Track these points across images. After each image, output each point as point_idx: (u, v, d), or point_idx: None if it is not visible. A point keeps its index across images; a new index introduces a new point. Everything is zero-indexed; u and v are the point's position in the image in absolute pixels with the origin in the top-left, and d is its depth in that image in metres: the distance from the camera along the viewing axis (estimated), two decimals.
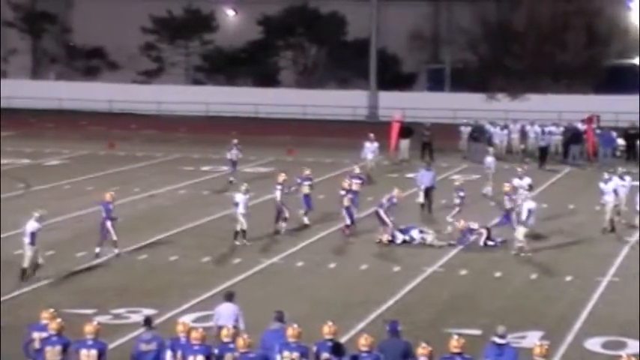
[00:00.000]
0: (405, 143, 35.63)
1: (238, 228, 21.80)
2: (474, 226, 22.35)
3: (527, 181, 23.83)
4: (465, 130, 37.12)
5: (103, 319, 16.19)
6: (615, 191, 23.36)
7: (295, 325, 12.39)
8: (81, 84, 56.62)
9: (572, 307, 17.77)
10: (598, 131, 36.01)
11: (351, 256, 21.50)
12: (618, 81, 51.59)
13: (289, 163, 35.18)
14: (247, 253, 21.42)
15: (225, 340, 12.21)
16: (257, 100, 52.01)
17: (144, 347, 12.45)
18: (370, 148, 32.13)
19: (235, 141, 30.51)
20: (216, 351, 12.16)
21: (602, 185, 23.42)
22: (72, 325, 13.21)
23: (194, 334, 12.20)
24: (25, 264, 18.64)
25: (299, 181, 24.03)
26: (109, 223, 20.52)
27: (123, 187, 29.51)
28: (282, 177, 23.61)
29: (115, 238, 20.54)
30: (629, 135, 36.28)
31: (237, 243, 21.69)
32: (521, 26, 53.60)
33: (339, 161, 34.68)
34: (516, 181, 23.55)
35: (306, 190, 23.89)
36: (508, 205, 22.64)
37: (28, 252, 18.63)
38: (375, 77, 51.87)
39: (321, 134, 42.57)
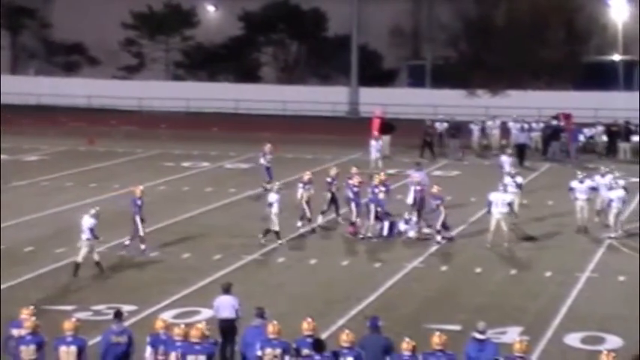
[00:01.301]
0: (386, 139, 35.65)
1: (273, 228, 21.52)
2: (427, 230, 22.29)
3: (519, 180, 23.74)
4: (441, 127, 37.13)
5: (83, 315, 16.14)
6: (594, 189, 23.33)
7: (275, 322, 12.38)
8: (60, 79, 56.26)
9: (552, 302, 17.87)
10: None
11: (331, 252, 21.51)
12: (597, 77, 51.87)
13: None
14: (228, 249, 21.39)
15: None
16: (238, 96, 51.90)
17: (114, 339, 12.50)
18: (376, 146, 31.55)
19: (268, 146, 28.13)
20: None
21: (574, 184, 23.31)
22: (51, 322, 13.15)
23: (176, 330, 12.17)
24: (79, 259, 18.76)
25: (300, 185, 23.19)
26: (138, 219, 20.43)
27: (103, 184, 29.39)
28: (307, 176, 23.17)
29: (141, 233, 20.52)
30: (611, 132, 36.44)
31: (262, 241, 21.58)
32: (502, 22, 53.80)
33: (319, 157, 34.67)
34: (507, 179, 23.46)
35: (307, 194, 22.90)
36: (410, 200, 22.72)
37: (83, 248, 18.79)
38: (356, 73, 51.88)
39: (301, 130, 42.56)
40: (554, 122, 36.57)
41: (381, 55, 58.18)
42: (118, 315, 12.93)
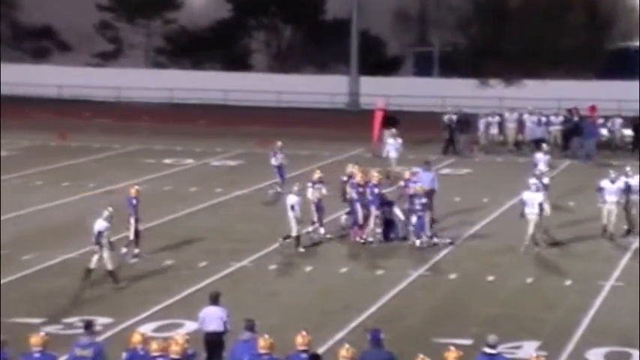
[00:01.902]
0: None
1: (294, 233, 21.55)
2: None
3: (545, 180, 23.55)
4: (448, 119, 37.18)
5: (53, 329, 16.11)
6: (623, 190, 23.13)
7: (267, 336, 12.38)
8: (28, 67, 56.26)
9: (572, 314, 17.88)
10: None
11: (328, 258, 21.52)
12: (622, 65, 51.96)
13: (260, 156, 35.18)
14: (215, 255, 21.39)
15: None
16: (226, 86, 51.91)
17: (78, 352, 12.54)
18: (394, 145, 30.76)
19: (279, 144, 28.11)
20: None
21: (605, 184, 23.16)
22: (17, 336, 13.13)
23: (153, 345, 12.16)
24: (92, 265, 18.82)
25: (309, 185, 23.05)
26: (132, 220, 20.55)
27: (76, 182, 29.37)
28: (316, 174, 23.09)
29: (131, 237, 20.61)
30: (637, 126, 36.47)
31: (301, 249, 21.58)
32: (517, 5, 53.90)
33: (316, 153, 34.69)
34: (533, 180, 23.33)
35: (317, 195, 22.68)
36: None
37: (96, 254, 18.86)
38: (356, 61, 51.90)
39: (296, 124, 42.58)
40: (569, 117, 36.54)
41: (384, 41, 58.31)
42: (88, 326, 12.98)
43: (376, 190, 22.52)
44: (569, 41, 52.39)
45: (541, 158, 27.75)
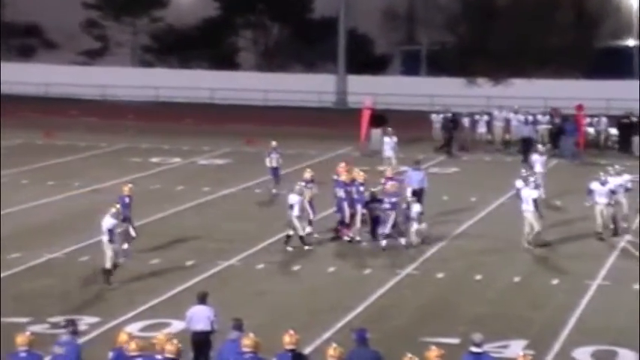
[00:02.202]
0: (376, 133, 35.72)
1: (293, 232, 21.56)
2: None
3: (608, 186, 23.33)
4: (437, 119, 37.27)
5: (39, 328, 16.08)
6: (613, 192, 23.13)
7: (251, 334, 12.39)
8: (14, 65, 56.02)
9: (559, 313, 17.93)
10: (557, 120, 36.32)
11: (316, 257, 21.53)
12: (610, 65, 52.14)
13: (248, 155, 35.18)
14: (202, 254, 21.38)
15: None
16: (213, 84, 51.89)
17: (57, 350, 12.66)
18: (390, 144, 31.03)
19: (274, 144, 27.73)
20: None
21: (595, 186, 23.09)
22: (3, 336, 13.09)
23: (132, 345, 12.17)
24: (107, 264, 18.75)
25: (302, 184, 22.89)
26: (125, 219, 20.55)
27: (62, 181, 29.30)
28: (308, 173, 23.03)
29: (134, 234, 20.67)
30: (622, 125, 36.61)
31: (289, 249, 21.59)
32: (505, 3, 54.01)
33: (304, 153, 34.70)
34: (519, 183, 23.33)
35: (309, 194, 22.59)
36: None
37: (108, 251, 18.77)
38: (343, 60, 51.94)
39: (283, 123, 42.58)
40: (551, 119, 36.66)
41: (372, 39, 58.36)
42: (67, 325, 13.07)
43: (362, 189, 22.55)
44: (556, 40, 52.54)
45: (537, 159, 27.67)
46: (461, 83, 51.12)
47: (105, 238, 18.85)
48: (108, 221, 18.90)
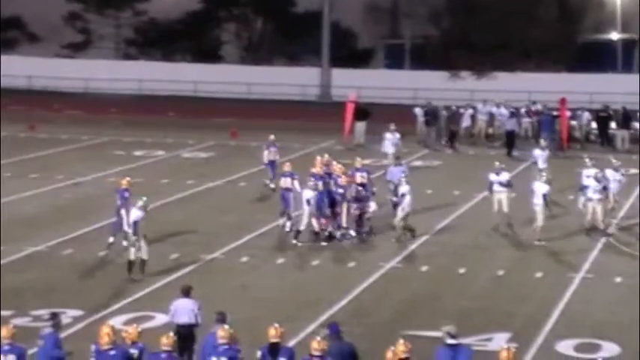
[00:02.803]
0: (360, 126, 35.71)
1: (304, 228, 21.47)
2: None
3: (504, 176, 23.59)
4: (420, 112, 37.22)
5: (22, 321, 16.02)
6: (605, 187, 23.11)
7: (227, 326, 12.39)
8: None
9: (543, 306, 17.99)
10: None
11: (300, 251, 21.52)
12: (594, 58, 52.29)
13: (232, 148, 35.13)
14: (185, 247, 21.33)
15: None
16: (196, 77, 51.73)
17: (39, 342, 12.88)
18: (392, 140, 30.53)
19: (272, 137, 27.33)
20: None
21: (589, 182, 23.01)
22: None
23: (105, 339, 12.19)
24: (132, 256, 18.69)
25: (282, 178, 22.88)
26: (123, 212, 20.33)
27: (45, 174, 29.16)
28: (286, 167, 22.93)
29: (125, 228, 20.44)
30: (600, 118, 36.68)
31: (299, 244, 21.50)
32: None
33: (287, 146, 34.60)
34: (492, 176, 23.44)
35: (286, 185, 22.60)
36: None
37: (134, 244, 18.73)
38: (327, 53, 51.90)
39: (267, 116, 42.50)
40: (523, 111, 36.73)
41: (356, 33, 58.29)
42: (51, 318, 13.23)
43: (340, 182, 22.45)
44: (540, 34, 52.62)
45: (540, 155, 27.58)
46: (444, 77, 51.14)
47: (130, 230, 18.82)
48: (135, 213, 18.82)
